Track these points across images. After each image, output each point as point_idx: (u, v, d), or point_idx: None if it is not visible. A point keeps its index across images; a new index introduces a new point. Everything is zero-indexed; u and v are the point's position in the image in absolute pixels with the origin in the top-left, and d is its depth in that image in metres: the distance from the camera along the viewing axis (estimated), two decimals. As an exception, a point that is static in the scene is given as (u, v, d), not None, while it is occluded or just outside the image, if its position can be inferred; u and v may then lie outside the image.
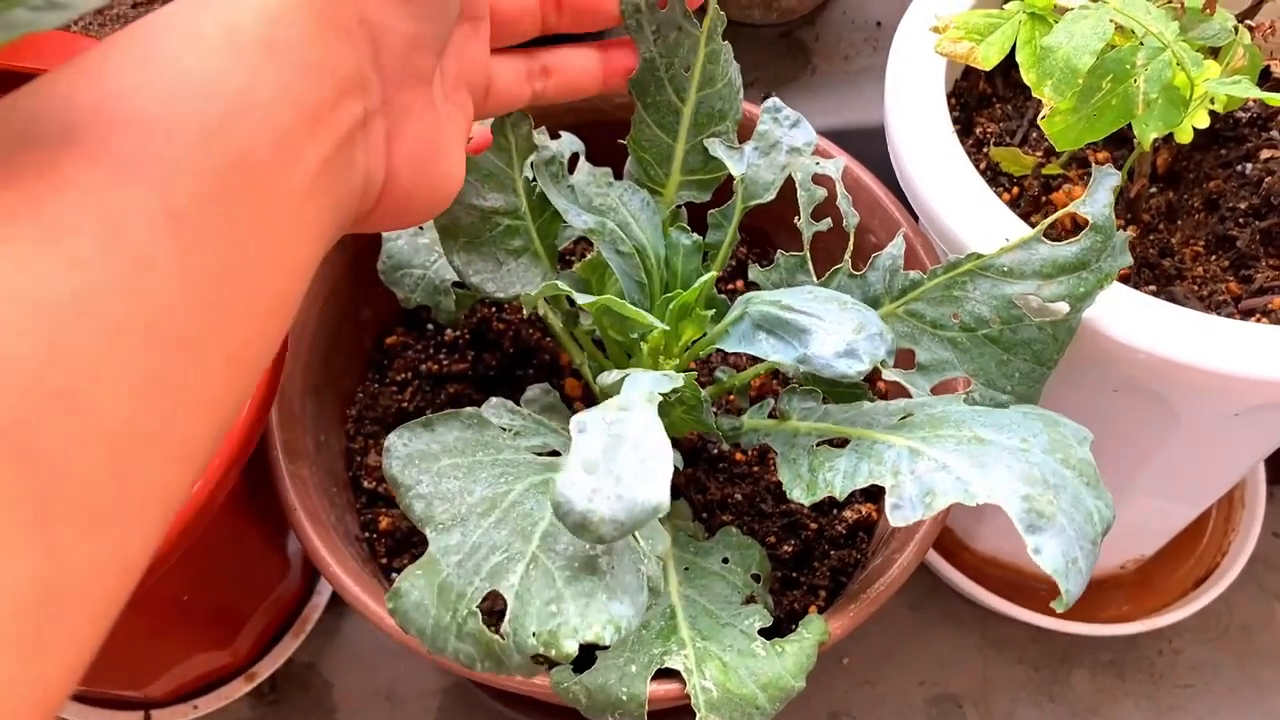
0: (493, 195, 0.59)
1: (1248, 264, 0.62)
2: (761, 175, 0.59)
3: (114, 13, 0.87)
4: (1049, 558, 0.41)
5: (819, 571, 0.66)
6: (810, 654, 0.52)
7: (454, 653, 0.44)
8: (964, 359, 0.54)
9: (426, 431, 0.50)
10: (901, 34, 0.67)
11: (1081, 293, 0.52)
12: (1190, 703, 0.90)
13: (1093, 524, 0.42)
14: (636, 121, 0.61)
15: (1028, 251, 0.52)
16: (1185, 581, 0.91)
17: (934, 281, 0.55)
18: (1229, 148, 0.66)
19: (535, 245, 0.61)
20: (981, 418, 0.47)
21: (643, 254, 0.56)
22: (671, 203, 0.63)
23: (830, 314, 0.48)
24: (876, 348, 0.47)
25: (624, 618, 0.43)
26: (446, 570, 0.44)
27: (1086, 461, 0.44)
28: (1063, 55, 0.50)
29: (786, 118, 0.60)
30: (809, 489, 0.48)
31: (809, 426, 0.54)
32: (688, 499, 0.67)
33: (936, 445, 0.46)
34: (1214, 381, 0.55)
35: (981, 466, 0.43)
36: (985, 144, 0.69)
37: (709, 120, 0.61)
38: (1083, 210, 0.51)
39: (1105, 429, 0.69)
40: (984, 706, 0.89)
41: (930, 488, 0.43)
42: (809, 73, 0.90)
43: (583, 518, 0.39)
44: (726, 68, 0.59)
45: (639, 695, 0.50)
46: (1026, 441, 0.45)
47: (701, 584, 0.56)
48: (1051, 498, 0.42)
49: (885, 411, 0.52)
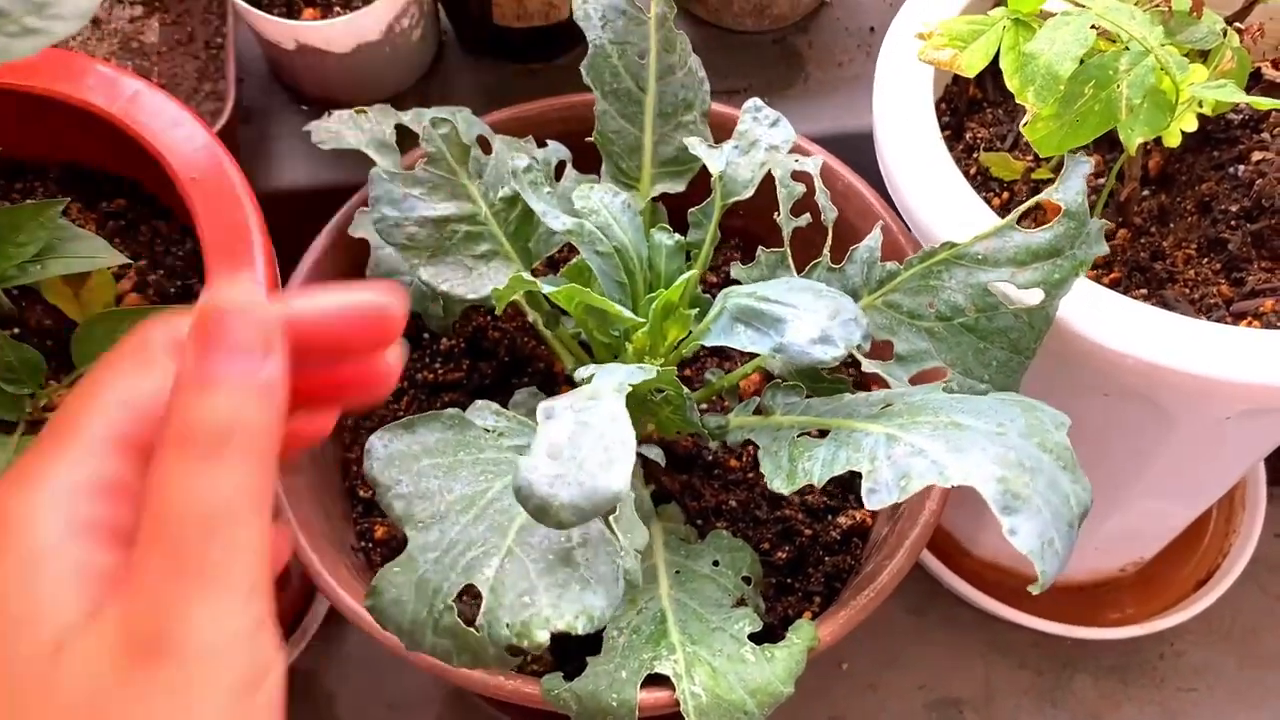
0: (442, 204, 0.60)
1: (1240, 266, 0.62)
2: (740, 173, 0.59)
3: (111, 27, 0.88)
4: (1024, 538, 0.41)
5: (813, 578, 0.66)
6: (800, 660, 0.52)
7: (431, 647, 0.45)
8: (941, 348, 0.55)
9: (407, 433, 0.51)
10: (890, 40, 0.67)
11: (1056, 279, 0.52)
12: (1194, 706, 0.90)
13: (1069, 507, 0.42)
14: (600, 114, 0.62)
15: (1001, 239, 0.53)
16: (1186, 584, 0.91)
17: (910, 271, 0.55)
18: (1221, 150, 0.66)
19: (505, 247, 0.61)
20: (959, 404, 0.48)
21: (624, 255, 0.57)
22: (648, 195, 0.63)
23: (805, 302, 0.49)
24: (851, 333, 0.47)
25: (597, 608, 0.43)
26: (424, 567, 0.45)
27: (1063, 445, 0.45)
28: (1044, 61, 0.50)
29: (766, 117, 0.60)
30: (789, 478, 0.49)
31: (791, 420, 0.54)
32: (681, 505, 0.67)
33: (913, 431, 0.46)
34: (1205, 387, 0.55)
35: (958, 450, 0.43)
36: (976, 149, 0.69)
37: (675, 110, 0.61)
38: (1055, 197, 0.52)
39: (1101, 433, 0.69)
40: (986, 712, 0.89)
41: (905, 471, 0.44)
42: (802, 80, 0.90)
43: (543, 502, 0.39)
44: (685, 57, 0.60)
45: (629, 701, 0.50)
46: (1003, 426, 0.45)
47: (692, 587, 0.56)
48: (1027, 480, 0.42)
49: (866, 403, 0.52)
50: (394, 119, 0.69)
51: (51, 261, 0.55)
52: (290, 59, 0.84)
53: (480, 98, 0.89)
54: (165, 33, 0.88)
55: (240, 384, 0.28)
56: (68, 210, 0.67)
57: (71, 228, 0.56)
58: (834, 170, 0.71)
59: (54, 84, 0.64)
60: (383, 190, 0.60)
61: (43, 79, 0.65)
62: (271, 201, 0.63)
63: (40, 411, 0.58)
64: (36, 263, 0.54)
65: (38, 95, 0.65)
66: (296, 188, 0.84)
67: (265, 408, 0.29)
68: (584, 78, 0.61)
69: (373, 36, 0.82)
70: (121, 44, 0.87)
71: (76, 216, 0.67)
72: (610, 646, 0.53)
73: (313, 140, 0.67)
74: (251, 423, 0.28)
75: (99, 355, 0.55)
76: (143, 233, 0.67)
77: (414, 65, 0.89)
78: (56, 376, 0.59)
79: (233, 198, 0.60)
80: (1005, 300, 0.53)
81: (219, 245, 0.59)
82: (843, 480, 0.70)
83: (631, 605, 0.55)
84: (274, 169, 0.86)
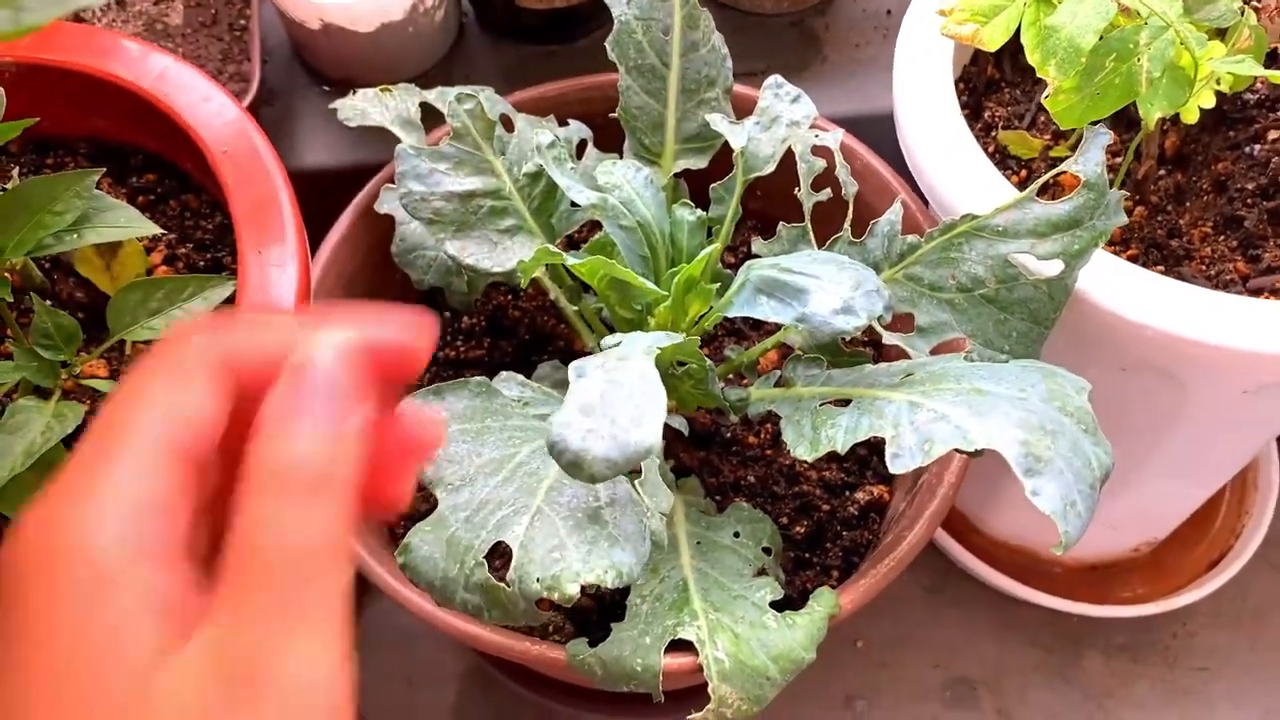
0: (468, 179, 0.61)
1: (1255, 244, 0.63)
2: (762, 148, 0.60)
3: (136, 9, 0.89)
4: (1047, 499, 0.42)
5: (831, 552, 0.66)
6: (821, 626, 0.53)
7: (462, 603, 0.46)
8: (962, 320, 0.55)
9: (436, 399, 0.52)
10: (909, 20, 0.68)
11: (1075, 250, 0.53)
12: (1205, 686, 0.90)
13: (1091, 469, 0.43)
14: (624, 89, 0.62)
15: (1021, 211, 0.53)
16: (1199, 564, 0.91)
17: (931, 244, 0.56)
18: (1237, 129, 0.67)
19: (528, 223, 0.62)
20: (980, 371, 0.48)
21: (646, 229, 0.57)
22: (670, 170, 0.64)
23: (828, 274, 0.49)
24: (874, 303, 0.48)
25: (625, 564, 0.44)
26: (454, 525, 0.46)
27: (1084, 410, 0.45)
28: (1066, 35, 0.50)
29: (788, 93, 0.61)
30: (812, 445, 0.49)
31: (813, 391, 0.55)
32: (700, 481, 0.68)
33: (936, 398, 0.47)
34: (1222, 358, 0.56)
35: (980, 415, 0.44)
36: (994, 128, 0.69)
37: (698, 86, 0.62)
38: (1074, 168, 0.52)
39: (1116, 409, 0.69)
40: (997, 689, 0.90)
41: (929, 436, 0.44)
42: (820, 61, 0.91)
43: (576, 456, 0.40)
44: (709, 34, 0.61)
45: (654, 666, 0.51)
46: (1025, 391, 0.46)
47: (713, 557, 0.57)
48: (1049, 443, 0.42)
49: (887, 373, 0.53)
50: (418, 97, 0.70)
51: (87, 231, 0.56)
52: (314, 39, 0.85)
53: (501, 79, 0.90)
54: (189, 14, 0.89)
55: (338, 430, 0.29)
56: (99, 183, 0.68)
57: (106, 198, 0.57)
58: (852, 149, 0.71)
59: (83, 59, 0.65)
60: (409, 166, 0.61)
61: (72, 55, 0.66)
62: (295, 181, 0.64)
63: (74, 380, 0.58)
64: (72, 231, 0.55)
65: (67, 70, 0.65)
66: (320, 167, 0.85)
67: (356, 455, 0.29)
68: (609, 53, 0.61)
69: (396, 16, 0.82)
70: (146, 26, 0.88)
71: (108, 190, 0.68)
72: (634, 614, 0.54)
73: (339, 117, 0.68)
74: (345, 468, 0.29)
75: (133, 323, 0.57)
76: (171, 207, 0.68)
77: (436, 46, 0.90)
78: (87, 348, 0.60)
79: (263, 171, 0.61)
80: (1025, 271, 0.54)
81: (250, 218, 0.60)
82: (860, 456, 0.71)
83: (654, 574, 0.56)
84: (297, 149, 0.87)
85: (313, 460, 0.28)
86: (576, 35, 0.92)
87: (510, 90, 0.74)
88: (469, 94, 0.60)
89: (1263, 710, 0.89)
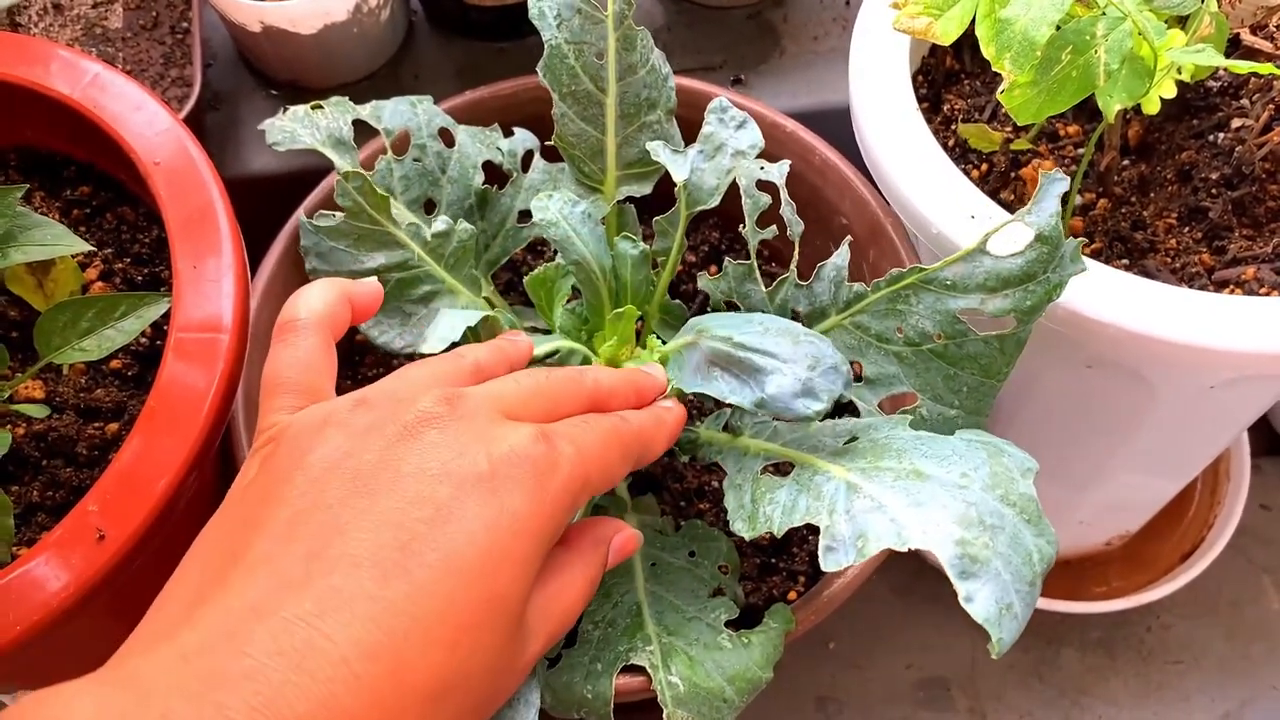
0: (371, 254, 0.59)
1: (1221, 235, 0.61)
2: (706, 180, 0.57)
3: (74, 13, 0.86)
4: (980, 605, 0.39)
5: (798, 557, 0.65)
6: (777, 644, 0.51)
7: None
8: (910, 373, 0.53)
9: None
10: (865, 12, 0.66)
11: (1028, 306, 0.49)
12: (1180, 679, 0.90)
13: (1031, 565, 0.40)
14: (558, 116, 0.60)
15: (971, 264, 0.50)
16: (1172, 557, 0.91)
17: (878, 294, 0.53)
18: (1201, 117, 0.65)
19: (447, 283, 0.60)
20: (924, 446, 0.45)
21: (586, 268, 0.55)
22: (613, 198, 0.62)
23: (783, 350, 0.47)
24: (833, 383, 0.47)
25: None
26: None
27: (1029, 497, 0.42)
28: (1021, 27, 0.49)
29: (733, 119, 0.58)
30: (750, 522, 0.47)
31: (759, 446, 0.52)
32: (665, 488, 0.66)
33: (875, 479, 0.44)
34: (1187, 355, 0.54)
35: (918, 505, 0.42)
36: (954, 121, 0.68)
37: (637, 110, 0.59)
38: (1027, 220, 0.48)
39: (1082, 405, 0.68)
40: (972, 689, 0.89)
41: (863, 530, 0.42)
42: (778, 54, 0.89)
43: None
44: (647, 54, 0.58)
45: (604, 693, 0.50)
46: (967, 476, 0.43)
47: (669, 579, 0.55)
48: (988, 539, 0.40)
49: (833, 433, 0.50)
50: (351, 114, 0.66)
51: (12, 250, 0.53)
52: (257, 42, 0.82)
53: (451, 77, 0.88)
54: (129, 18, 0.87)
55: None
56: (30, 198, 0.65)
57: (32, 215, 0.54)
58: (810, 145, 0.70)
59: (11, 68, 0.63)
60: (311, 242, 0.60)
61: None
62: (242, 187, 0.62)
63: (4, 404, 0.56)
64: (-5, 251, 0.52)
65: (-6, 81, 0.63)
66: (266, 173, 0.83)
67: None
68: (540, 78, 0.59)
69: (340, 17, 0.80)
70: (85, 30, 0.86)
71: (40, 204, 0.65)
72: (585, 640, 0.53)
73: (267, 141, 0.63)
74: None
75: (63, 344, 0.55)
76: (108, 220, 0.66)
77: (383, 46, 0.88)
78: (22, 368, 0.58)
79: (198, 182, 0.59)
80: (976, 325, 0.51)
81: (185, 231, 0.57)
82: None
83: (607, 599, 0.54)
84: (244, 154, 0.84)
85: (659, 446, 0.49)
86: (527, 31, 0.90)
87: (462, 88, 0.72)
88: (355, 172, 0.57)
89: (1238, 702, 0.88)
